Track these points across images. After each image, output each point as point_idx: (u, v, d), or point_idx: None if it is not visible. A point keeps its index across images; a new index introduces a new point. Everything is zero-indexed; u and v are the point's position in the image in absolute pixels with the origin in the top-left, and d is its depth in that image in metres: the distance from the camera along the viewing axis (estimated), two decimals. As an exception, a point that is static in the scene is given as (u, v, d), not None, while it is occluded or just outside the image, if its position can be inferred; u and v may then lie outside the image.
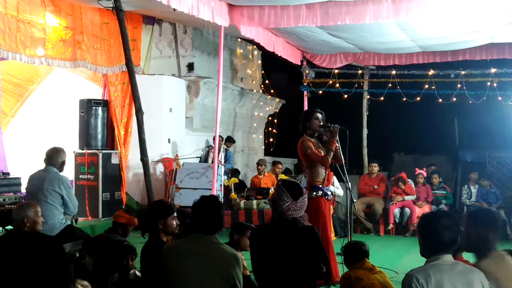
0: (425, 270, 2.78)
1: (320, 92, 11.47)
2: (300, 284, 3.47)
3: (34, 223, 4.12)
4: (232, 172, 10.60)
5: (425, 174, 10.17)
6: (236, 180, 9.81)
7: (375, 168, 10.40)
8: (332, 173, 6.42)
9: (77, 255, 3.93)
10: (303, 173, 8.44)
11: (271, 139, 14.46)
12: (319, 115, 5.89)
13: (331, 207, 8.53)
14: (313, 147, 5.75)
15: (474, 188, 10.02)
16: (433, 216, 3.06)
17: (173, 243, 3.61)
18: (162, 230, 4.07)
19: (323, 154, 5.72)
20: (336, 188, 9.16)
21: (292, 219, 3.58)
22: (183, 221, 4.47)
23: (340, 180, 6.69)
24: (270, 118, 14.65)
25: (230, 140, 11.47)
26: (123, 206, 9.48)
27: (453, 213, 7.43)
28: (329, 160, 5.75)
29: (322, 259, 3.55)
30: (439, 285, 2.71)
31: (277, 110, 14.66)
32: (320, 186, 5.79)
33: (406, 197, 9.74)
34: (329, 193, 6.06)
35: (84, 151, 9.29)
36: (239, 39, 13.04)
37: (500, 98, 10.50)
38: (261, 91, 14.14)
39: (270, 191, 9.13)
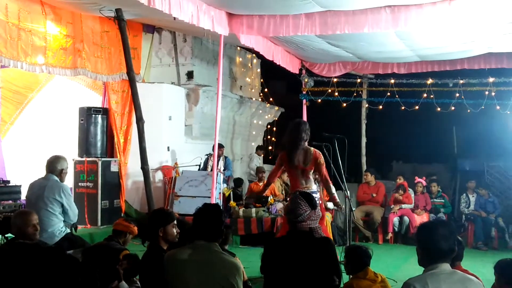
0: (422, 279, 2.80)
1: (319, 100, 11.51)
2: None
3: (24, 232, 4.06)
4: (235, 182, 10.70)
5: (424, 183, 10.18)
6: (230, 191, 9.88)
7: (369, 176, 10.42)
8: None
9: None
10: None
11: (270, 147, 14.48)
12: None
13: (330, 215, 8.55)
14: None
15: (473, 196, 10.03)
16: (430, 226, 3.08)
17: (173, 251, 3.61)
18: (162, 238, 4.08)
19: None
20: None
21: (309, 229, 3.61)
22: (181, 230, 4.47)
23: (339, 188, 6.72)
24: (269, 126, 14.68)
25: (261, 148, 12.54)
26: (122, 214, 9.48)
27: (450, 222, 7.44)
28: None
29: (335, 271, 3.57)
30: (437, 294, 2.73)
31: (276, 118, 14.69)
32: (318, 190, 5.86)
33: (404, 206, 9.77)
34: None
35: (84, 158, 9.31)
36: (239, 48, 13.08)
37: (498, 107, 10.56)
38: (260, 99, 14.18)
39: (269, 199, 9.14)
